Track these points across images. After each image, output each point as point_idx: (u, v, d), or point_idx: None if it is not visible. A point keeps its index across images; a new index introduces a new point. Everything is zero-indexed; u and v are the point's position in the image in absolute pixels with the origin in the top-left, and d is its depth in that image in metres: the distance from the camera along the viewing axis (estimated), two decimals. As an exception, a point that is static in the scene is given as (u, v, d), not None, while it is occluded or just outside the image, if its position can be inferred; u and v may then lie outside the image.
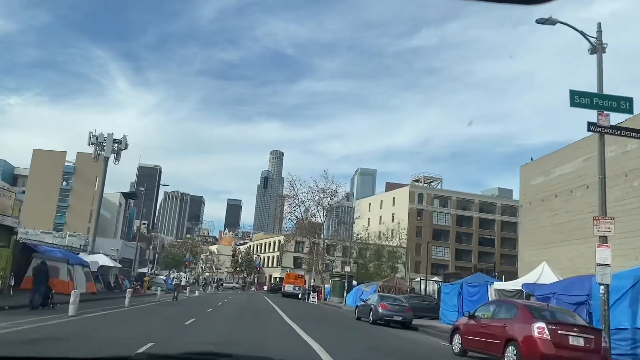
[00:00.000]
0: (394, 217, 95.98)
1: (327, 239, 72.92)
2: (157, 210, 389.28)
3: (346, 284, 51.35)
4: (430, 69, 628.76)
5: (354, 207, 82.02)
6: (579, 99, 14.57)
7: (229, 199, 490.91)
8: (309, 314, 31.91)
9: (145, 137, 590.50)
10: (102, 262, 39.80)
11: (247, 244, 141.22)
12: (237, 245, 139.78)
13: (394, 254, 68.58)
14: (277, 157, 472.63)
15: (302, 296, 57.93)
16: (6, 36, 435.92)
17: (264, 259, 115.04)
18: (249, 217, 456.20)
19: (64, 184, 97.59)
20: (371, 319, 26.63)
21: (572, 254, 27.66)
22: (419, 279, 51.26)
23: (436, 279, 56.72)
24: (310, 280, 73.83)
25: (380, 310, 25.98)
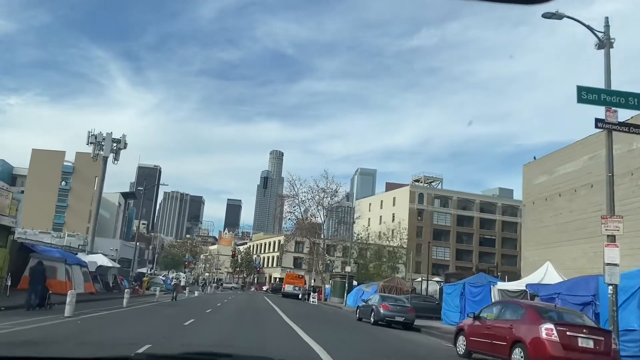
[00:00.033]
0: (394, 217, 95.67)
1: (327, 239, 72.55)
2: (156, 210, 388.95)
3: (347, 284, 50.99)
4: (430, 69, 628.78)
5: (354, 207, 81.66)
6: (586, 95, 14.24)
7: (228, 199, 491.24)
8: (309, 315, 31.67)
9: (145, 137, 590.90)
10: (101, 262, 39.54)
11: (246, 244, 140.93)
12: (237, 245, 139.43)
13: (395, 254, 68.27)
14: (277, 157, 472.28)
15: (302, 296, 57.66)
16: (6, 36, 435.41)
17: (264, 259, 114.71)
18: (248, 217, 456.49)
19: (63, 183, 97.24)
20: (372, 319, 26.35)
21: (575, 253, 27.34)
22: (420, 279, 50.92)
23: (437, 279, 56.45)
24: (310, 280, 73.53)
25: (381, 310, 25.67)
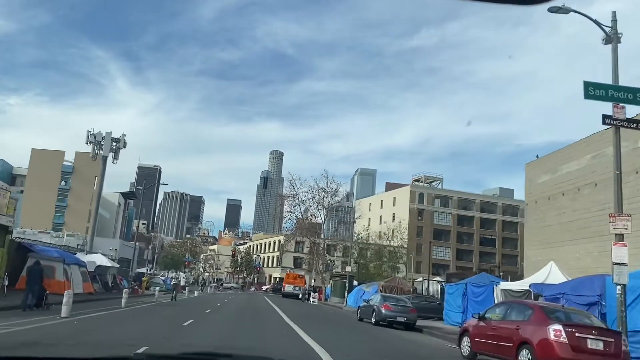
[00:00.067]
0: (394, 216, 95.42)
1: (327, 239, 72.26)
2: (156, 210, 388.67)
3: (347, 284, 50.68)
4: (430, 69, 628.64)
5: (354, 207, 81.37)
6: (593, 91, 13.95)
7: (228, 199, 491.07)
8: (310, 315, 31.43)
9: (145, 137, 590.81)
10: (100, 262, 39.25)
11: (246, 244, 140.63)
12: (237, 245, 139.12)
13: (395, 254, 68.01)
14: (277, 157, 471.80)
15: (303, 296, 57.40)
16: (6, 36, 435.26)
17: (264, 259, 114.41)
18: (248, 217, 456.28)
19: (63, 183, 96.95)
20: (374, 319, 26.07)
21: (579, 253, 27.06)
22: (421, 279, 50.61)
23: (438, 279, 56.13)
24: (310, 280, 73.24)
25: (383, 311, 25.39)
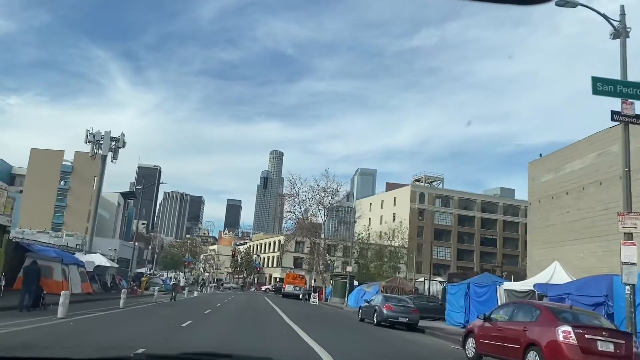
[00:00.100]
0: (395, 216, 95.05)
1: (327, 239, 71.88)
2: (156, 210, 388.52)
3: (348, 285, 50.36)
4: (430, 69, 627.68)
5: (354, 207, 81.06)
6: (601, 87, 13.64)
7: (228, 199, 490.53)
8: (310, 315, 31.15)
9: (145, 137, 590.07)
10: (99, 262, 38.98)
11: (246, 244, 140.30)
12: (237, 245, 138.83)
13: (396, 254, 67.70)
14: (277, 157, 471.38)
15: (303, 297, 57.13)
16: (6, 36, 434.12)
17: (264, 259, 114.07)
18: (248, 217, 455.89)
19: (62, 183, 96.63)
20: (375, 320, 25.78)
21: (583, 252, 26.72)
22: (422, 279, 50.29)
23: (439, 279, 55.82)
24: (310, 280, 72.93)
25: (385, 311, 25.09)
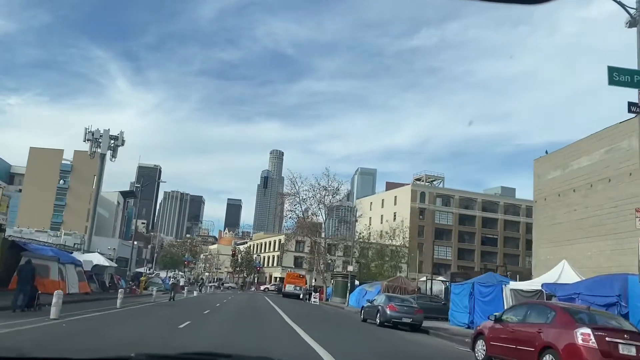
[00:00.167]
0: (395, 216, 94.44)
1: (328, 238, 71.28)
2: (157, 210, 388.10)
3: (349, 284, 49.78)
4: (430, 69, 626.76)
5: (355, 206, 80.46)
6: (617, 77, 13.06)
7: (228, 199, 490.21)
8: (311, 315, 30.62)
9: (145, 137, 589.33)
10: (97, 261, 38.36)
11: (247, 243, 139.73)
12: (237, 244, 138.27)
13: (397, 254, 67.15)
14: (277, 157, 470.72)
15: (304, 296, 56.59)
16: (6, 36, 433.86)
17: (264, 259, 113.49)
18: (248, 217, 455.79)
19: (61, 182, 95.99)
20: (378, 320, 25.24)
21: (591, 251, 26.10)
22: (424, 279, 49.69)
23: (441, 278, 55.21)
24: (311, 280, 72.33)
25: (388, 311, 24.54)
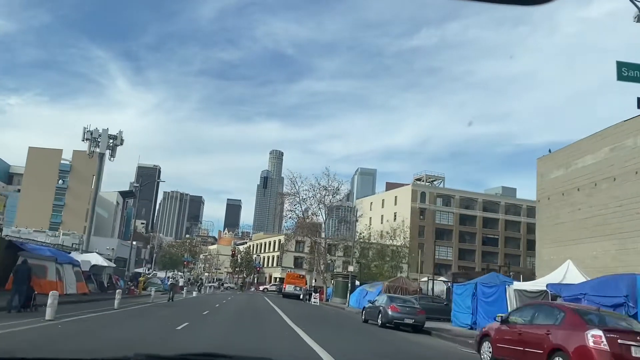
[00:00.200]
0: (395, 216, 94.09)
1: (328, 238, 70.91)
2: (156, 210, 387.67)
3: (349, 284, 49.44)
4: (430, 69, 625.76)
5: (355, 207, 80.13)
6: (627, 72, 12.73)
7: (228, 199, 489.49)
8: (312, 316, 30.30)
9: (145, 137, 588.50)
10: (95, 262, 38.01)
11: (246, 243, 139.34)
12: (237, 245, 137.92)
13: (398, 254, 66.81)
14: (277, 157, 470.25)
15: (304, 297, 56.26)
16: (6, 36, 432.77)
17: (264, 259, 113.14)
18: (248, 217, 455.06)
19: (60, 182, 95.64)
20: (380, 321, 24.90)
21: (596, 251, 25.74)
22: (425, 279, 49.36)
23: (442, 278, 54.87)
24: (311, 280, 71.98)
25: (390, 312, 24.20)
